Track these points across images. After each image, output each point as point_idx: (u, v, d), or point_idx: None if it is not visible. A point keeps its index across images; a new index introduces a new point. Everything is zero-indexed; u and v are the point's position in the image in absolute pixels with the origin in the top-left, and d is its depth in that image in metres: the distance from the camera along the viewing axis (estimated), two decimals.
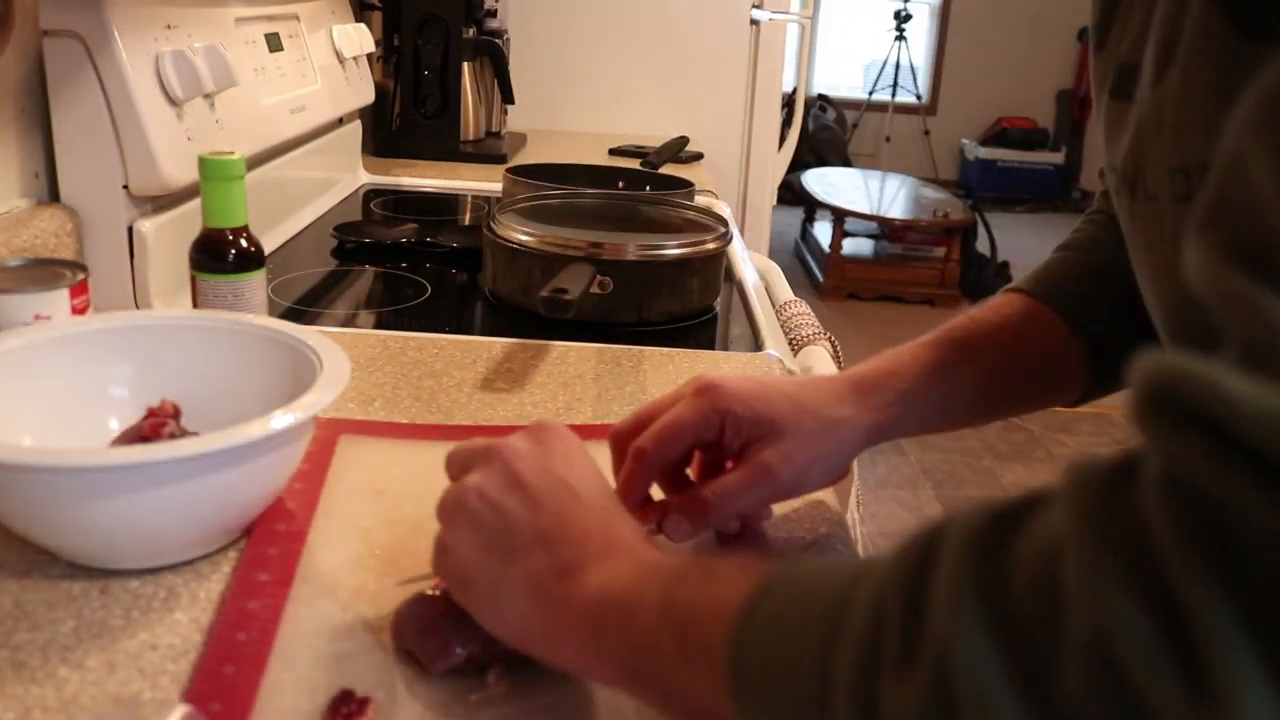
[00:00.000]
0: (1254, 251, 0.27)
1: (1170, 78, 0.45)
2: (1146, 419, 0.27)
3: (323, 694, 0.50)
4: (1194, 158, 0.44)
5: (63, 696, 0.50)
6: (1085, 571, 0.27)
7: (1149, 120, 0.48)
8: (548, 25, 2.35)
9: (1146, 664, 0.25)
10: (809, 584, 0.39)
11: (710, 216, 1.24)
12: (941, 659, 0.30)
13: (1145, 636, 0.25)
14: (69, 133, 0.99)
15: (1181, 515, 0.25)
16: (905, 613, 0.32)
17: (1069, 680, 0.27)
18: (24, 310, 0.74)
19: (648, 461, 0.63)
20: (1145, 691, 0.25)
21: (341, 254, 1.33)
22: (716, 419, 0.63)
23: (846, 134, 6.94)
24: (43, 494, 0.56)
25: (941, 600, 0.31)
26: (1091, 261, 0.72)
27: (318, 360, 0.66)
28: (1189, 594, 0.24)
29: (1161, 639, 0.25)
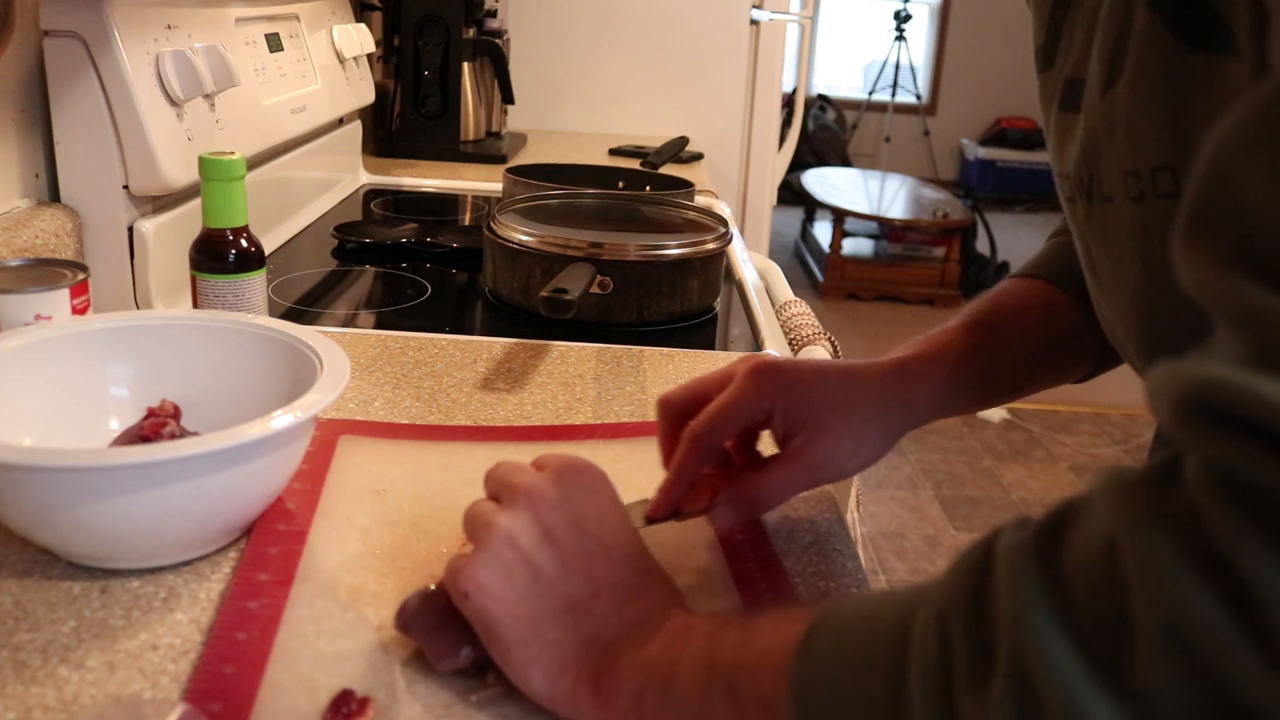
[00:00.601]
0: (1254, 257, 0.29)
1: (1119, 86, 0.47)
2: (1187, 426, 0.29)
3: (323, 694, 0.50)
4: (1145, 160, 0.46)
5: (63, 696, 0.50)
6: (1144, 564, 0.29)
7: (1100, 126, 0.50)
8: (548, 25, 2.35)
9: (1219, 640, 0.27)
10: (861, 619, 0.39)
11: (710, 216, 1.24)
12: (1018, 667, 0.31)
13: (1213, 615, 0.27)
14: (69, 133, 0.99)
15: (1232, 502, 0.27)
16: (971, 631, 0.33)
17: (1147, 668, 0.28)
18: (24, 310, 0.74)
19: (702, 445, 0.64)
20: (1223, 666, 0.27)
21: (341, 254, 1.33)
22: (768, 405, 0.64)
23: (846, 134, 6.94)
24: (43, 494, 0.56)
25: (1006, 613, 0.32)
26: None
27: (318, 360, 0.66)
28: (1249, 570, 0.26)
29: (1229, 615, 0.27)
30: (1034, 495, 3.14)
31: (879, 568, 2.71)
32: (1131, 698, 0.29)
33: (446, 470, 0.74)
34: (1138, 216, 0.48)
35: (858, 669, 0.37)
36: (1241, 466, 0.27)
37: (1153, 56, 0.45)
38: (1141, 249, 0.48)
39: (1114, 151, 0.49)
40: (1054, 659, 0.30)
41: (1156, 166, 0.46)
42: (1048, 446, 3.45)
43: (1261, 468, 0.27)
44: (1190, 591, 0.27)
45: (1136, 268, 0.49)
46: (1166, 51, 0.44)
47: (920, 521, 2.97)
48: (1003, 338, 0.70)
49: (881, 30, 6.85)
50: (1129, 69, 0.47)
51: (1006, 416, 3.60)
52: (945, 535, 2.90)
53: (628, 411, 0.87)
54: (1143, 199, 0.47)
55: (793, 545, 0.67)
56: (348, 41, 1.62)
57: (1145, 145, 0.46)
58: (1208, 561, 0.27)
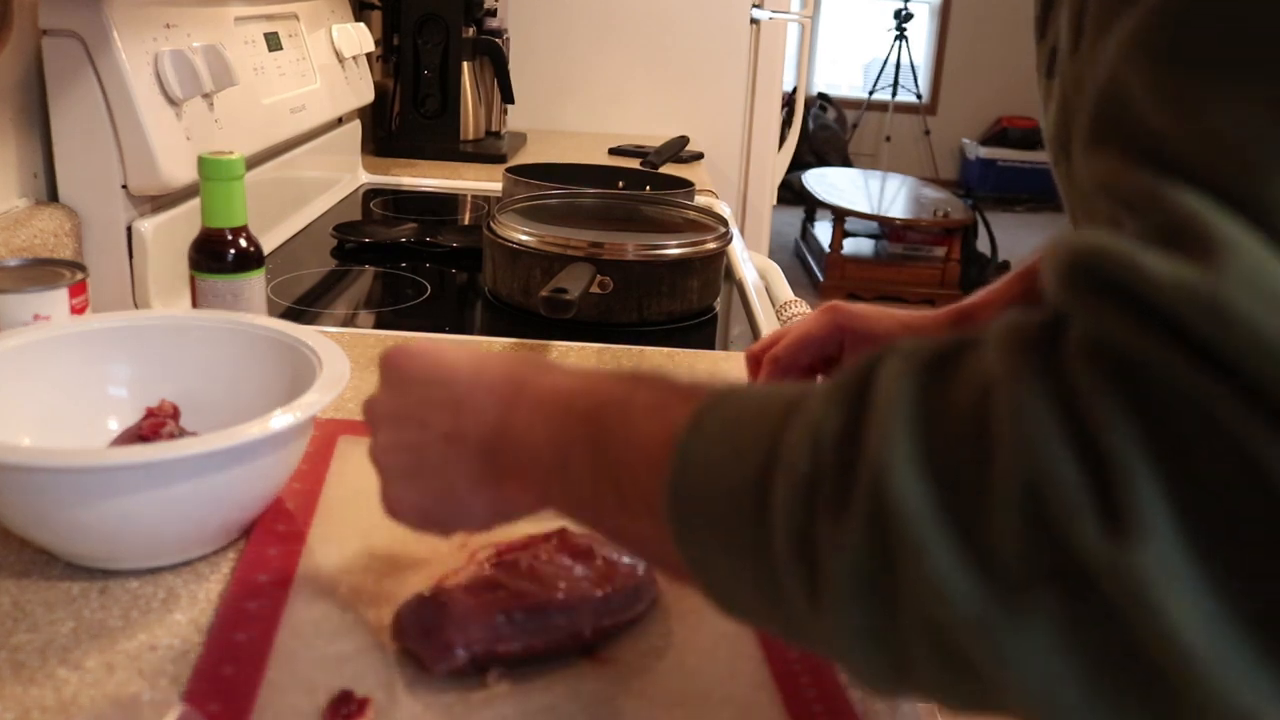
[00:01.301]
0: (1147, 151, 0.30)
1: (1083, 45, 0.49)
2: (1069, 290, 0.29)
3: (322, 694, 0.50)
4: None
5: (61, 697, 0.50)
6: (1016, 418, 0.29)
7: (1070, 86, 0.52)
8: (548, 25, 2.35)
9: (1070, 504, 0.27)
10: (739, 421, 0.38)
11: (710, 216, 1.24)
12: (875, 503, 0.31)
13: (1070, 479, 0.27)
14: (68, 132, 0.99)
15: (1104, 374, 0.28)
16: (840, 455, 0.33)
17: (999, 520, 0.29)
18: (23, 310, 0.74)
19: (780, 366, 0.74)
20: (1067, 530, 0.27)
21: (341, 254, 1.32)
22: (839, 334, 0.73)
23: (847, 134, 6.94)
24: (42, 494, 0.56)
25: (874, 446, 0.32)
26: None
27: (317, 360, 0.66)
28: (1112, 443, 0.27)
29: (1085, 482, 0.27)
30: None
31: None
32: (977, 548, 0.29)
33: None
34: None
35: (729, 477, 0.37)
36: (1120, 339, 0.28)
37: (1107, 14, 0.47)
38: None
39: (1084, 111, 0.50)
40: (910, 499, 0.30)
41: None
42: None
43: (1136, 341, 0.27)
44: (1053, 453, 0.28)
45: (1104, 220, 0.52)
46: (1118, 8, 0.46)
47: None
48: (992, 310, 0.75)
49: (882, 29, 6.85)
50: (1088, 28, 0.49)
51: None
52: None
53: None
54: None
55: None
56: (347, 41, 1.62)
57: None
58: (1075, 428, 0.28)
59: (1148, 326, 0.27)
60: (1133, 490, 0.26)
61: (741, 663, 0.54)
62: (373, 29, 1.89)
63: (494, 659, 0.52)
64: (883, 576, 0.31)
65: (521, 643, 0.53)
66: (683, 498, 0.38)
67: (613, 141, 2.20)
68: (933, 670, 0.31)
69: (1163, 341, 0.27)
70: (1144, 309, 0.27)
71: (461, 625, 0.52)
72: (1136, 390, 0.27)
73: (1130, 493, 0.26)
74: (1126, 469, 0.26)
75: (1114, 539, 0.26)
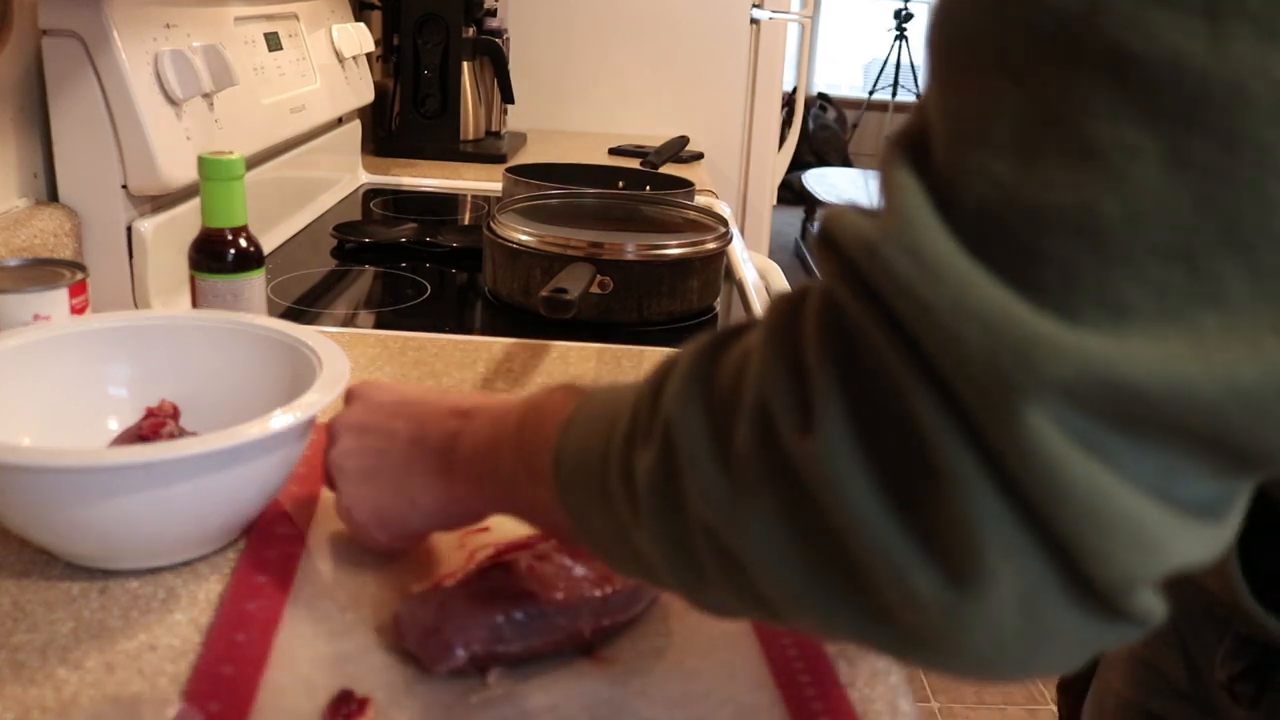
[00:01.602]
0: (900, 131, 0.36)
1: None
2: (817, 253, 0.36)
3: (322, 694, 0.50)
4: None
5: (61, 697, 0.50)
6: (760, 358, 0.36)
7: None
8: (548, 25, 2.35)
9: (780, 413, 0.34)
10: (605, 401, 0.46)
11: (710, 216, 1.24)
12: (667, 430, 0.39)
13: (781, 395, 0.34)
14: (68, 132, 0.99)
15: (820, 313, 0.34)
16: (650, 401, 0.41)
17: (739, 431, 0.36)
18: (23, 310, 0.74)
19: None
20: (779, 432, 0.34)
21: (341, 254, 1.32)
22: None
23: (847, 134, 6.94)
24: (42, 494, 0.56)
25: (671, 388, 0.40)
26: None
27: (317, 360, 0.66)
28: (811, 364, 0.34)
29: (791, 398, 0.34)
30: None
31: None
32: (725, 455, 0.36)
33: None
34: None
35: (591, 441, 0.44)
36: (828, 285, 0.34)
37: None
38: None
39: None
40: (690, 425, 0.38)
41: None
42: None
43: (835, 285, 0.33)
44: (776, 375, 0.35)
45: None
46: None
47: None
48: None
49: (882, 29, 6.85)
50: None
51: None
52: None
53: None
54: None
55: None
56: (347, 41, 1.62)
57: None
58: (793, 356, 0.35)
59: (842, 275, 0.33)
60: (819, 397, 0.33)
61: (741, 662, 0.54)
62: (373, 29, 1.89)
63: (494, 659, 0.52)
64: (670, 483, 0.38)
65: (521, 643, 0.53)
66: (560, 463, 0.46)
67: (613, 141, 2.20)
68: (717, 572, 0.38)
69: (865, 304, 0.32)
70: (841, 260, 0.33)
71: (461, 626, 0.52)
72: (834, 324, 0.33)
73: (818, 399, 0.33)
74: (817, 385, 0.33)
75: (805, 434, 0.33)
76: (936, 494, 0.31)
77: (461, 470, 0.55)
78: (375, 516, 0.59)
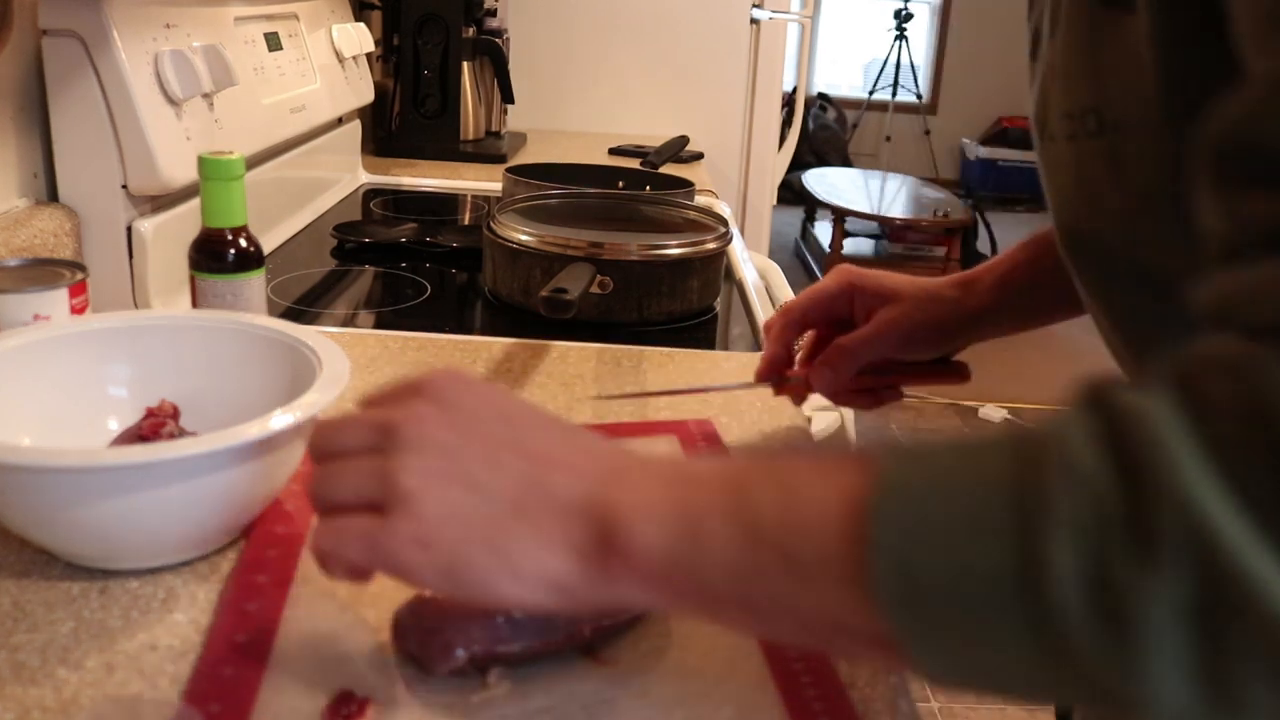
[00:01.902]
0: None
1: (1056, 36, 0.54)
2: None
3: (322, 694, 0.50)
4: (1076, 103, 0.52)
5: (61, 697, 0.50)
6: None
7: (1048, 72, 0.56)
8: (548, 25, 2.35)
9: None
10: (941, 483, 0.36)
11: (710, 216, 1.24)
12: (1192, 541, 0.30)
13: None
14: (68, 132, 0.99)
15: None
16: (1128, 493, 0.32)
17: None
18: (23, 310, 0.74)
19: (793, 316, 0.79)
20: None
21: (341, 254, 1.32)
22: (849, 290, 0.78)
23: (847, 133, 6.94)
24: (42, 494, 0.56)
25: (1168, 478, 0.31)
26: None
27: (317, 360, 0.66)
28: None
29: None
30: None
31: None
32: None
33: None
34: (1072, 154, 0.54)
35: (963, 547, 0.34)
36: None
37: (1075, 11, 0.51)
38: (1071, 180, 0.55)
39: (1055, 94, 0.55)
40: (1228, 531, 0.30)
41: (1085, 109, 0.51)
42: None
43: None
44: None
45: (1073, 197, 0.56)
46: (1084, 7, 0.50)
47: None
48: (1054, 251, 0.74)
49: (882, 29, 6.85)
50: (1061, 24, 0.53)
51: (1007, 416, 3.59)
52: None
53: (628, 411, 0.87)
54: (1074, 138, 0.53)
55: None
56: (347, 41, 1.62)
57: (1074, 90, 0.53)
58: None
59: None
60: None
61: (741, 662, 0.54)
62: (373, 29, 1.88)
63: (494, 659, 0.52)
64: (1213, 613, 0.30)
65: (521, 643, 0.53)
66: (898, 571, 0.36)
67: (613, 141, 2.20)
68: (1270, 699, 0.31)
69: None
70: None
71: (461, 626, 0.52)
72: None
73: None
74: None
75: None
76: None
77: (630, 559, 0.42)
78: (446, 569, 0.44)
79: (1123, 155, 0.50)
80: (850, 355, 0.77)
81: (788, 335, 0.80)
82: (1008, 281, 0.77)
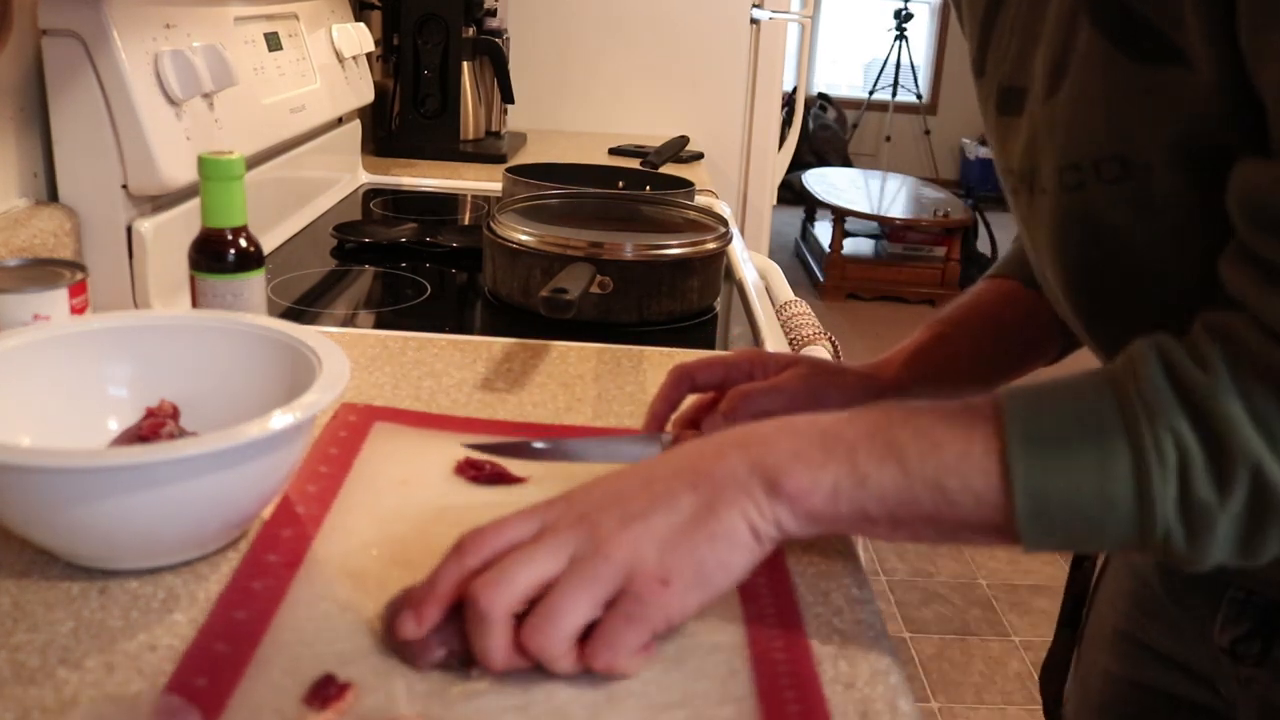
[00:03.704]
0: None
1: (1061, 94, 0.56)
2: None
3: (308, 677, 0.51)
4: (1087, 154, 0.55)
5: (61, 697, 0.50)
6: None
7: (1043, 128, 0.58)
8: (548, 25, 2.35)
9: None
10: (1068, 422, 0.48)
11: (710, 216, 1.24)
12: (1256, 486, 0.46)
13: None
14: (68, 132, 0.99)
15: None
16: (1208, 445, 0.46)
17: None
18: (23, 310, 0.74)
19: (682, 372, 0.75)
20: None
21: (341, 254, 1.32)
22: (751, 359, 0.76)
23: (847, 134, 6.94)
24: (41, 494, 0.56)
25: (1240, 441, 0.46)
26: None
27: (317, 360, 0.66)
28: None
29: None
30: None
31: (879, 568, 2.71)
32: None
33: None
34: (1079, 203, 0.56)
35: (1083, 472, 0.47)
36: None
37: (1096, 70, 0.53)
38: (1080, 228, 0.57)
39: (1051, 150, 0.57)
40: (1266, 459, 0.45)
41: (1103, 157, 0.54)
42: None
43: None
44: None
45: (1073, 245, 0.58)
46: (1110, 66, 0.52)
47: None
48: (960, 329, 0.81)
49: (882, 29, 6.85)
50: (1071, 80, 0.55)
51: None
52: None
53: (628, 411, 0.87)
54: (1083, 187, 0.55)
55: (792, 546, 0.67)
56: (347, 41, 1.62)
57: (1086, 142, 0.55)
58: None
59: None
60: None
61: (741, 663, 0.54)
62: (373, 29, 1.89)
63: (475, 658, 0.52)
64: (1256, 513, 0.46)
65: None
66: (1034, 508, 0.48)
67: (613, 141, 2.20)
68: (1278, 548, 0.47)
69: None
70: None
71: (442, 623, 0.52)
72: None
73: None
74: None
75: None
76: None
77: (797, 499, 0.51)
78: (694, 584, 0.51)
79: (1152, 197, 0.53)
80: (749, 401, 0.72)
81: (674, 393, 0.75)
82: (915, 362, 0.78)
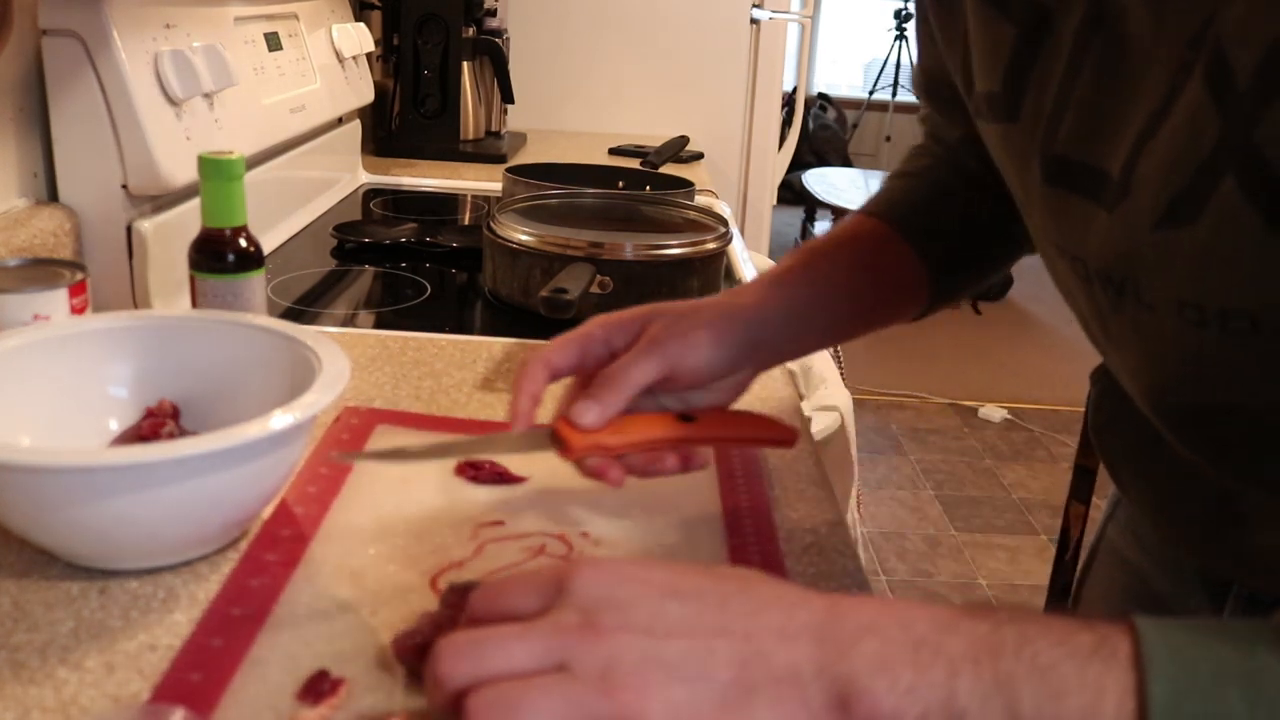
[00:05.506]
0: None
1: (1185, 234, 0.50)
2: None
3: (303, 673, 0.51)
4: (1212, 303, 0.50)
5: (61, 697, 0.50)
6: None
7: (1151, 251, 0.52)
8: (548, 25, 2.35)
9: None
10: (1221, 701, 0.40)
11: (710, 216, 1.24)
12: None
13: None
14: (68, 132, 0.99)
15: None
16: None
17: None
18: (23, 310, 0.74)
19: (536, 361, 0.65)
20: None
21: (341, 254, 1.32)
22: (604, 327, 0.67)
23: (847, 134, 6.94)
24: (42, 494, 0.56)
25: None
26: (929, 190, 0.79)
27: (317, 360, 0.66)
28: None
29: None
30: (1035, 495, 3.14)
31: (879, 568, 2.71)
32: None
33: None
34: (1193, 335, 0.51)
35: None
36: None
37: (1234, 229, 0.47)
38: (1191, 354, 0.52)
39: (1167, 281, 0.52)
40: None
41: (1228, 310, 0.49)
42: (1049, 446, 3.45)
43: None
44: None
45: (1173, 362, 0.54)
46: (1256, 234, 0.46)
47: (921, 522, 2.97)
48: (831, 262, 0.74)
49: (882, 29, 6.85)
50: (1205, 231, 0.49)
51: (1007, 416, 3.60)
52: (945, 535, 2.90)
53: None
54: (1205, 326, 0.50)
55: (792, 546, 0.67)
56: (347, 41, 1.62)
57: (1213, 294, 0.50)
58: None
59: None
60: None
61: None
62: (373, 29, 1.89)
63: None
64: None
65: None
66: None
67: (613, 141, 2.20)
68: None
69: None
70: None
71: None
72: None
73: None
74: None
75: None
76: None
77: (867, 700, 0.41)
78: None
79: (1278, 352, 0.49)
80: (618, 382, 0.63)
81: (532, 385, 0.65)
82: (777, 288, 0.71)
